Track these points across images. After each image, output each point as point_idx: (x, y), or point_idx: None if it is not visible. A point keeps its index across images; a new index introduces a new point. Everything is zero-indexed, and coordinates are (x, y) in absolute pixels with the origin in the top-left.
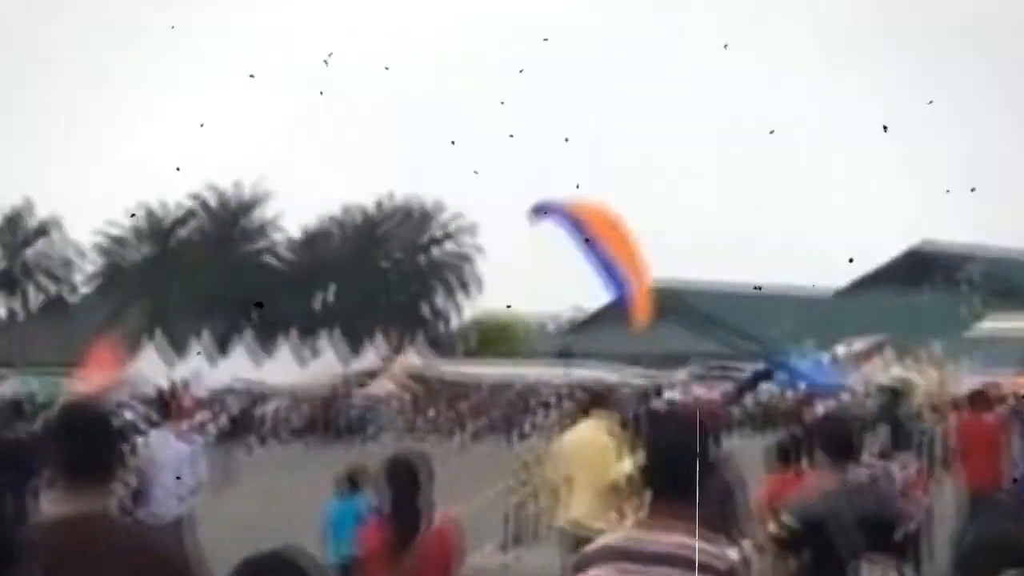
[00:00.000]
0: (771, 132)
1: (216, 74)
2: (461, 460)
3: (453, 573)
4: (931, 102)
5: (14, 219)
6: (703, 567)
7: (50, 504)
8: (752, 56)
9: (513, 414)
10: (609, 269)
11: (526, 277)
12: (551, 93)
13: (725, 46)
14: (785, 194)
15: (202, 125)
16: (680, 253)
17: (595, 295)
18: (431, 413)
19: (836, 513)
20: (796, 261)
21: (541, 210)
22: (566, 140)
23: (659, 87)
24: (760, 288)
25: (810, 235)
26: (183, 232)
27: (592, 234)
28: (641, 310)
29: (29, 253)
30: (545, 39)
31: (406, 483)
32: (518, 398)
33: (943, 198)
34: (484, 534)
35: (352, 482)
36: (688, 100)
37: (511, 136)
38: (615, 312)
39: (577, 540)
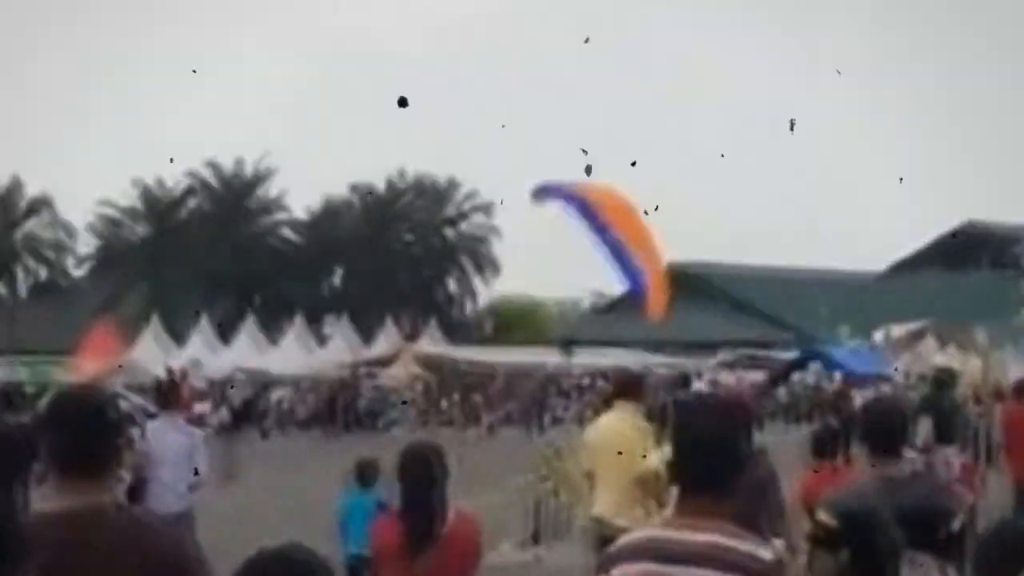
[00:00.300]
0: (806, 110)
1: (217, 46)
2: (478, 453)
3: (472, 571)
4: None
5: (2, 198)
6: (736, 567)
7: (43, 499)
8: (784, 34)
9: (533, 404)
10: (622, 257)
11: (545, 260)
12: (574, 67)
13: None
14: (822, 174)
15: (202, 98)
16: (711, 236)
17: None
18: (446, 403)
19: (877, 510)
20: (833, 243)
21: (544, 192)
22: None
23: (688, 64)
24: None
25: (848, 216)
26: (182, 212)
27: (603, 220)
28: (656, 300)
29: (18, 234)
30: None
31: (421, 477)
32: (538, 388)
33: (991, 176)
34: (503, 531)
35: (363, 476)
36: (718, 78)
37: (528, 112)
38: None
39: (601, 537)
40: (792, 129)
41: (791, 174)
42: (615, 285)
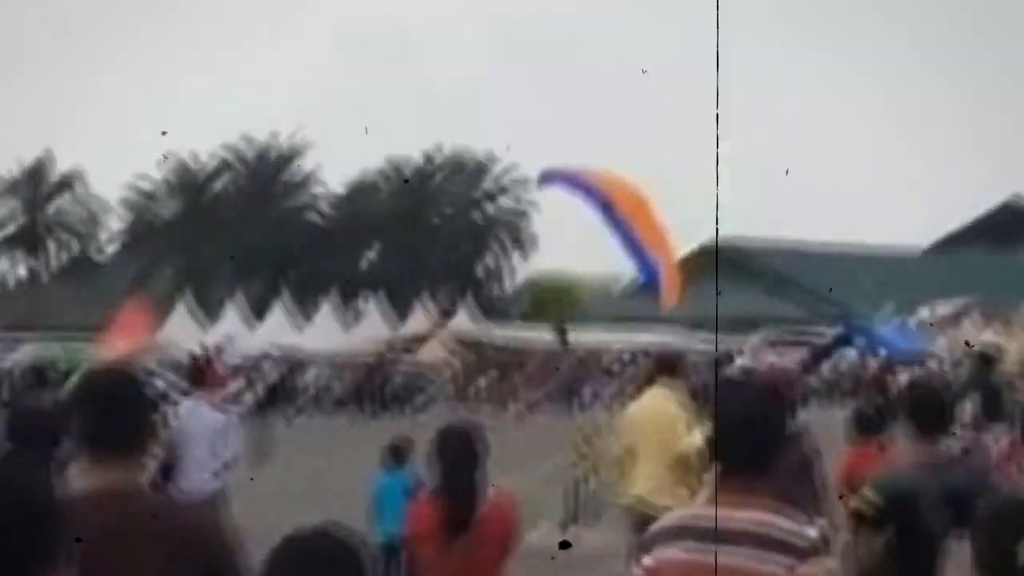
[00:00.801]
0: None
1: (253, 19)
2: (515, 433)
3: (509, 553)
4: None
5: (34, 172)
6: (781, 545)
7: (74, 478)
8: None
9: (572, 382)
10: (637, 250)
11: (584, 237)
12: (610, 37)
13: None
14: (867, 148)
15: (236, 72)
16: (751, 210)
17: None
18: (484, 382)
19: (922, 489)
20: (878, 219)
21: (550, 178)
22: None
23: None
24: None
25: (893, 191)
26: (216, 186)
27: (619, 214)
28: (671, 292)
29: (50, 209)
30: None
31: (460, 456)
32: (576, 366)
33: None
34: (540, 512)
35: (398, 455)
36: (759, 48)
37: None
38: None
39: (642, 517)
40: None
41: (835, 149)
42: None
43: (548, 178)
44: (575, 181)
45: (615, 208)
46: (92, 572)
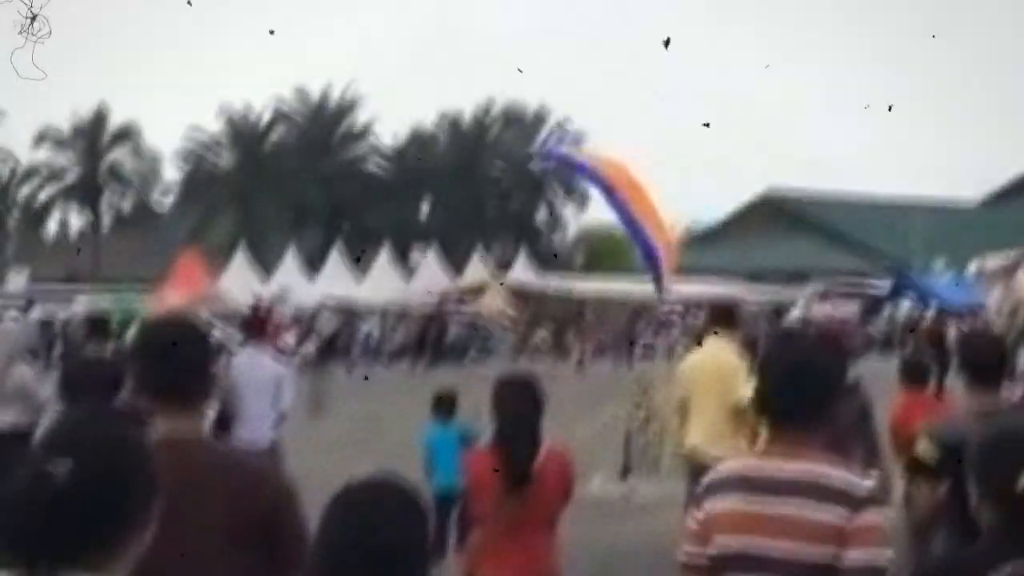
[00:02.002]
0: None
1: None
2: (569, 385)
3: (564, 506)
4: None
5: (88, 126)
6: (836, 495)
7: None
8: None
9: (625, 335)
10: (639, 234)
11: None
12: None
13: None
14: (919, 101)
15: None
16: (806, 164)
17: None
18: (541, 333)
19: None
20: (930, 172)
21: (548, 158)
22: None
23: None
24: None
25: (946, 144)
26: (270, 138)
27: (621, 198)
28: (670, 272)
29: (104, 162)
30: None
31: (518, 409)
32: (630, 318)
33: None
34: (594, 465)
35: (440, 408)
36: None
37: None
38: (732, 226)
39: (698, 468)
40: None
41: (887, 102)
42: (711, 213)
43: (546, 159)
44: (574, 164)
45: (616, 192)
46: (156, 521)
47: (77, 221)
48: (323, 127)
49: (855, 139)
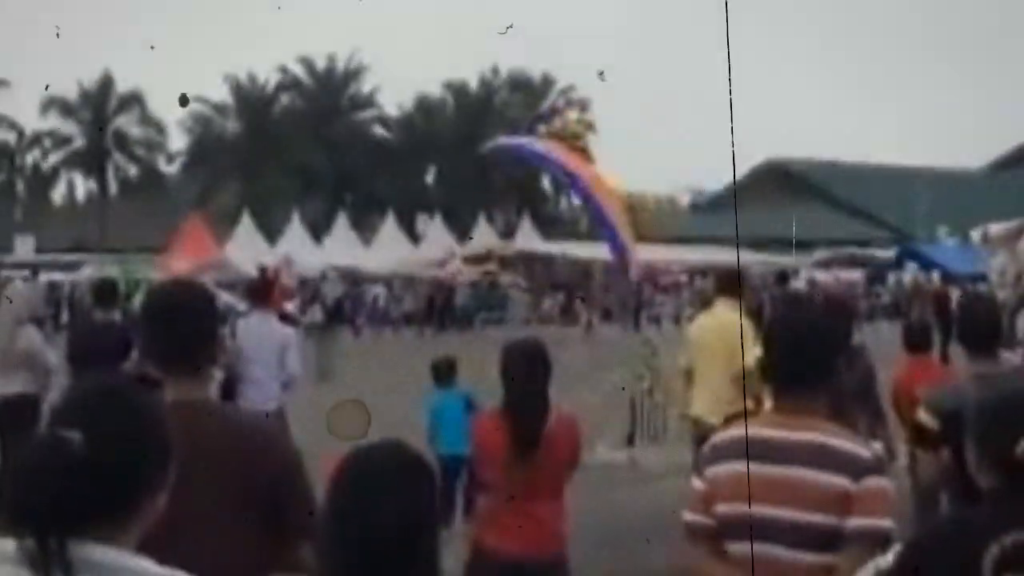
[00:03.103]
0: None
1: None
2: (579, 348)
3: (571, 472)
4: None
5: (93, 95)
6: (834, 465)
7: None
8: None
9: (630, 301)
10: (607, 224)
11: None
12: None
13: None
14: (921, 70)
15: None
16: (810, 133)
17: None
18: (547, 298)
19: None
20: (933, 140)
21: (502, 152)
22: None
23: None
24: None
25: (948, 112)
26: (274, 107)
27: (585, 187)
28: (637, 265)
29: (109, 131)
30: None
31: (526, 374)
32: (635, 285)
33: None
34: (598, 432)
35: (439, 375)
36: None
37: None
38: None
39: (700, 437)
40: None
41: (890, 71)
42: (713, 181)
43: (499, 153)
44: (532, 154)
45: (579, 179)
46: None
47: (83, 188)
48: (329, 95)
49: (858, 109)
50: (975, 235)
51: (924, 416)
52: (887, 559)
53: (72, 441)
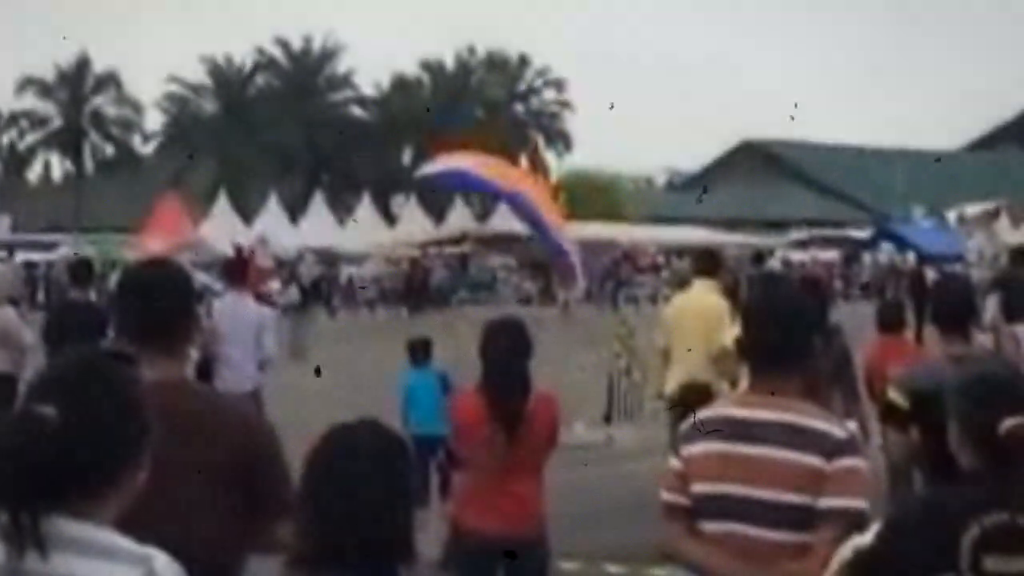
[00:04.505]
0: None
1: None
2: (557, 327)
3: (551, 450)
4: None
5: (70, 74)
6: (808, 445)
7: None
8: None
9: (607, 281)
10: (550, 235)
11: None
12: None
13: None
14: (899, 50)
15: None
16: (785, 113)
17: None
18: (524, 277)
19: (948, 387)
20: (909, 121)
21: (434, 180)
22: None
23: None
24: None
25: (924, 93)
26: (251, 88)
27: (526, 200)
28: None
29: (86, 110)
30: None
31: (507, 352)
32: (614, 264)
33: None
34: (575, 411)
35: (415, 355)
36: None
37: None
38: (713, 175)
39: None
40: None
41: (867, 50)
42: (689, 161)
43: (428, 182)
44: (460, 175)
45: (514, 197)
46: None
47: (60, 168)
48: (305, 75)
49: (835, 89)
50: (951, 216)
51: (894, 395)
52: (866, 538)
53: (46, 416)
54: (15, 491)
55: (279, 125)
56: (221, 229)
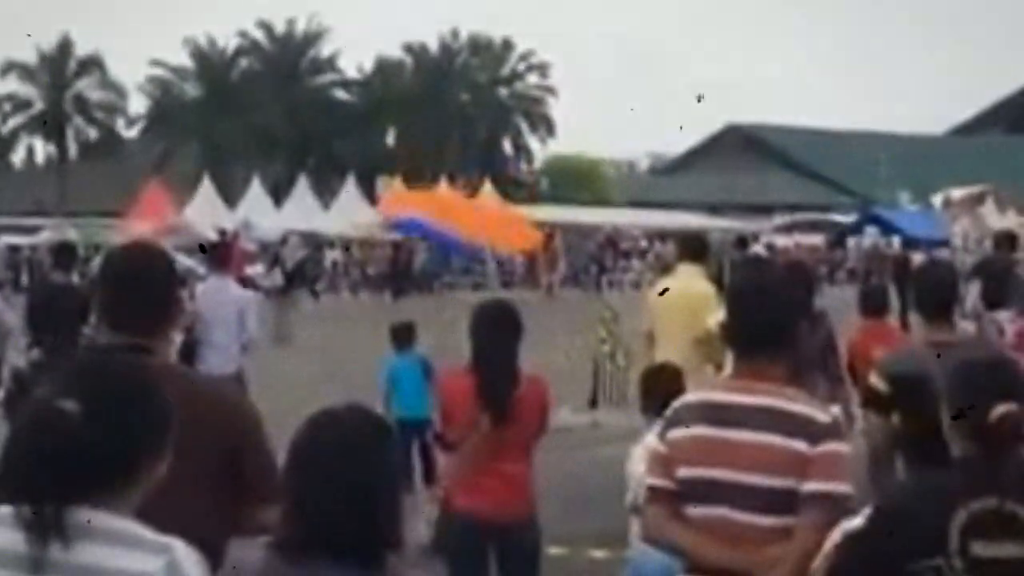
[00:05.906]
0: None
1: None
2: (541, 311)
3: (540, 434)
4: None
5: (52, 58)
6: (792, 430)
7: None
8: None
9: (591, 265)
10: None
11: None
12: None
13: None
14: (884, 34)
15: None
16: (770, 97)
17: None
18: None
19: (927, 375)
20: (894, 105)
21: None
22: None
23: None
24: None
25: (909, 77)
26: (234, 72)
27: (477, 237)
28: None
29: (69, 94)
30: None
31: (498, 334)
32: (598, 249)
33: None
34: (561, 395)
35: (398, 340)
36: None
37: None
38: (697, 159)
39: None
40: None
41: (852, 36)
42: (673, 146)
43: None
44: (423, 229)
45: (467, 234)
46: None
47: (43, 152)
48: (288, 58)
49: (819, 73)
50: (936, 200)
51: (875, 380)
52: (856, 521)
53: (68, 411)
54: (39, 484)
55: (263, 108)
56: (205, 213)
